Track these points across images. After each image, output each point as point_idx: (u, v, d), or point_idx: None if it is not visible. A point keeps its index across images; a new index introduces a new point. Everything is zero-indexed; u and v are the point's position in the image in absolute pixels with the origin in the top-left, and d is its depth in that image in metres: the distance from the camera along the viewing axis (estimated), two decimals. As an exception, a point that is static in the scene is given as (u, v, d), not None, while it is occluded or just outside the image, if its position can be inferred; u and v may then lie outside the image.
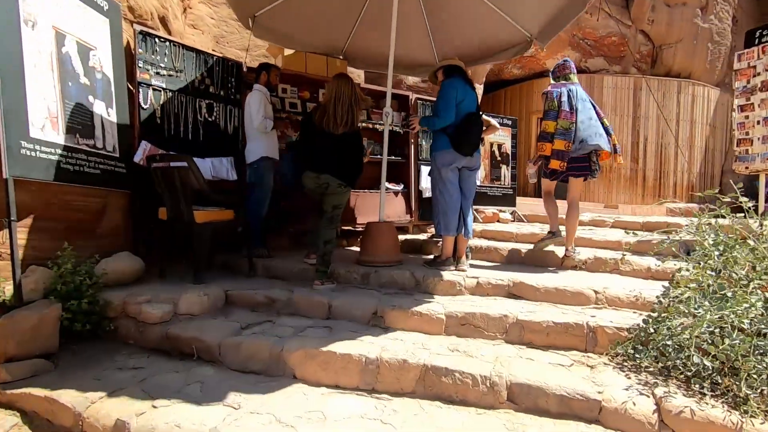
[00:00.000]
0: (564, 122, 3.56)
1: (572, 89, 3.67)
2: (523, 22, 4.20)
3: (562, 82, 3.75)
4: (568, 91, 3.65)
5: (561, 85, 3.73)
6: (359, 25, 4.67)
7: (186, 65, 3.85)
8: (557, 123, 3.56)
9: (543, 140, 3.65)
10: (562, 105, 3.59)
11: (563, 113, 3.58)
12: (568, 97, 3.62)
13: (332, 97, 3.15)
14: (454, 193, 3.40)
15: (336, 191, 3.19)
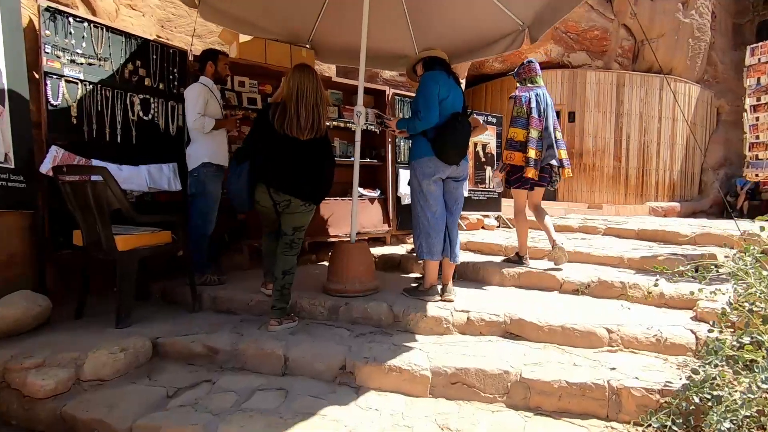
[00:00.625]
0: (535, 131, 3.46)
1: (540, 93, 3.53)
2: (515, 9, 3.66)
3: (529, 86, 3.60)
4: (536, 95, 3.51)
5: (528, 88, 3.58)
6: (327, 10, 4.04)
7: (113, 52, 3.14)
8: (528, 131, 3.45)
9: (512, 149, 3.52)
10: (532, 111, 3.48)
11: (533, 121, 3.47)
12: (536, 103, 3.49)
13: (294, 93, 2.53)
14: (437, 209, 2.85)
15: (298, 210, 2.58)
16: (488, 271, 3.58)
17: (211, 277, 3.27)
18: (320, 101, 2.57)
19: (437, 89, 2.77)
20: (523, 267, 3.52)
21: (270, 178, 2.53)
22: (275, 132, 2.53)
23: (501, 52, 4.01)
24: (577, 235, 5.43)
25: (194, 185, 3.24)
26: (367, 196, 4.86)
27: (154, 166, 3.34)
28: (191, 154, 3.27)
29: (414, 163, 2.90)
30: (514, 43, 3.88)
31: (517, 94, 3.58)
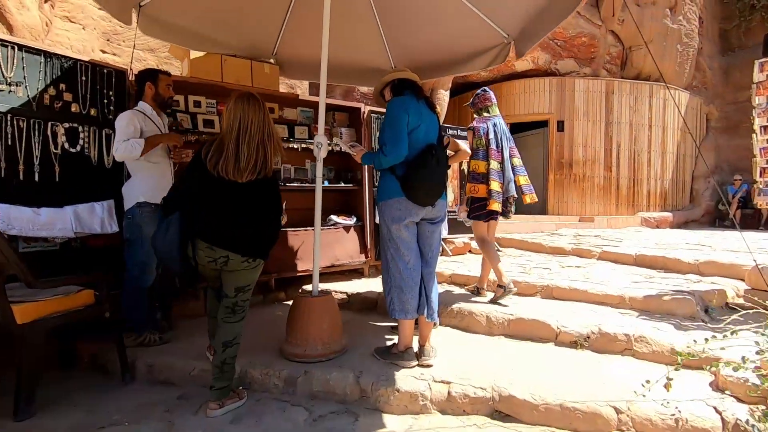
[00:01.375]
0: (495, 163, 3.40)
1: (496, 123, 3.47)
2: (499, 21, 3.27)
3: (485, 116, 3.51)
4: (493, 126, 3.44)
5: (485, 119, 3.49)
6: (291, 20, 3.61)
7: (28, 75, 2.66)
8: (488, 163, 3.39)
9: (475, 181, 3.44)
10: (490, 143, 3.41)
11: (492, 152, 3.41)
12: (494, 134, 3.43)
13: (235, 129, 2.07)
14: (410, 258, 2.41)
15: (239, 267, 2.13)
16: (474, 316, 3.15)
17: (151, 337, 2.79)
18: (268, 138, 2.13)
19: (406, 118, 2.35)
20: (512, 314, 3.09)
21: (202, 230, 2.07)
22: (208, 174, 2.07)
23: (485, 66, 3.61)
24: (570, 260, 5.04)
25: (129, 229, 2.76)
26: (342, 224, 4.42)
27: (83, 206, 2.86)
28: (126, 191, 2.80)
29: (381, 204, 2.47)
30: (499, 56, 3.49)
31: (475, 125, 3.47)
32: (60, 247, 2.78)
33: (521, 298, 3.62)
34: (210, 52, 3.61)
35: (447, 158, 2.47)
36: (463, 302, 3.38)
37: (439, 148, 2.41)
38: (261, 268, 2.22)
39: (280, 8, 3.47)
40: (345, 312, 3.65)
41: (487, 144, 3.41)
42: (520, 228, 7.62)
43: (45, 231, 2.64)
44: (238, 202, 2.11)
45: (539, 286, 3.69)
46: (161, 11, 3.12)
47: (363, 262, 4.51)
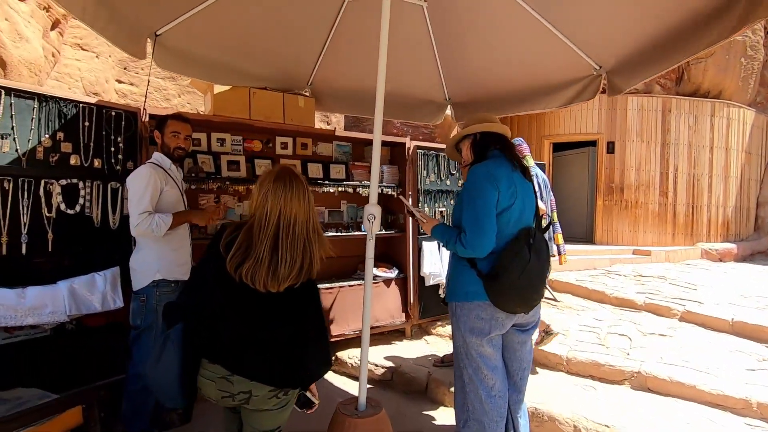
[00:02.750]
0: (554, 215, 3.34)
1: (538, 174, 3.29)
2: (590, 48, 2.62)
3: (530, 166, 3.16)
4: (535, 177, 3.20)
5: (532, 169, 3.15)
6: (331, 46, 3.06)
7: (18, 124, 2.18)
8: None
9: None
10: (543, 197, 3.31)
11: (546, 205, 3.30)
12: (539, 186, 3.26)
13: (270, 222, 1.49)
14: (495, 382, 1.78)
15: (267, 405, 1.54)
16: (557, 424, 2.49)
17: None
18: (313, 232, 1.55)
19: (495, 196, 1.72)
20: (608, 425, 2.41)
21: (217, 352, 1.50)
22: (228, 276, 1.50)
23: (566, 103, 2.96)
24: (646, 319, 4.28)
25: (141, 314, 2.24)
26: (381, 277, 3.82)
27: (81, 280, 2.34)
28: (136, 267, 2.28)
29: (455, 306, 1.84)
30: (586, 91, 2.83)
31: None
32: (51, 331, 2.27)
33: (605, 387, 2.93)
34: (237, 85, 3.09)
35: (548, 246, 1.82)
36: (538, 396, 2.71)
37: (538, 236, 1.77)
38: (293, 403, 1.63)
39: (319, 33, 2.93)
40: (387, 394, 3.05)
41: (540, 197, 3.24)
42: (571, 264, 6.85)
43: (31, 317, 2.13)
44: (271, 316, 1.53)
45: (627, 371, 3.00)
46: (180, 41, 2.61)
47: (404, 322, 3.89)
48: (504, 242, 1.74)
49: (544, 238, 1.80)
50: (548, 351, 3.35)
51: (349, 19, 2.79)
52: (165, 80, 3.78)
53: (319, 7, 2.70)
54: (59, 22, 3.01)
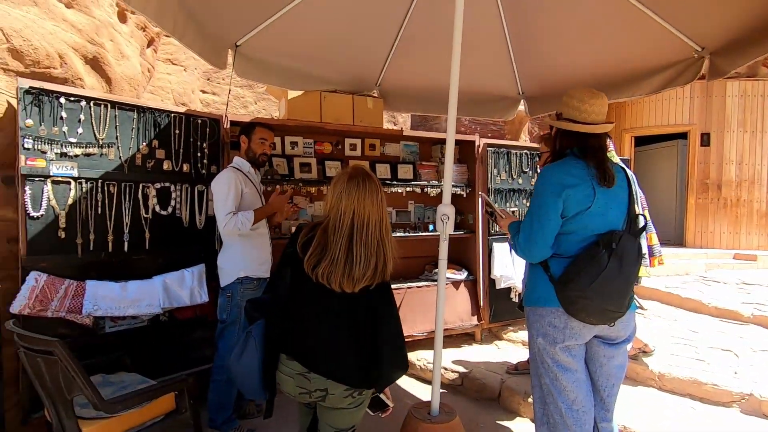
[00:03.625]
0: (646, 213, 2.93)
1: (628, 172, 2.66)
2: (689, 28, 2.34)
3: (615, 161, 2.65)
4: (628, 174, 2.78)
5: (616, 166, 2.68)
6: (399, 46, 3.04)
7: (120, 134, 2.41)
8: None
9: None
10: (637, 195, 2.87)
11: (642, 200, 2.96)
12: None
13: (344, 223, 1.50)
14: (577, 395, 1.63)
15: (342, 404, 1.55)
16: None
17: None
18: (388, 233, 1.53)
19: (557, 204, 1.58)
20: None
21: (295, 349, 1.54)
22: (305, 276, 1.53)
23: (660, 89, 2.67)
24: (753, 332, 3.75)
25: (225, 309, 2.38)
26: (450, 279, 3.74)
27: (173, 276, 2.54)
28: (223, 265, 2.43)
29: (528, 310, 1.73)
30: (683, 75, 2.53)
31: None
32: (148, 322, 2.48)
33: (707, 409, 2.61)
34: (309, 89, 3.18)
35: (640, 253, 1.62)
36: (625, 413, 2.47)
37: (627, 240, 1.58)
38: (368, 403, 1.62)
39: (388, 35, 2.92)
40: (458, 399, 2.97)
41: None
42: (657, 269, 6.23)
43: (132, 309, 2.35)
44: (347, 316, 1.53)
45: (737, 393, 2.64)
46: (256, 51, 2.74)
47: (475, 325, 3.76)
48: (580, 246, 1.59)
49: (638, 244, 1.61)
50: (638, 365, 3.05)
51: (418, 18, 2.74)
52: (243, 89, 4.02)
53: (388, 8, 2.68)
54: (154, 40, 3.30)
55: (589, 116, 1.69)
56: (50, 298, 2.12)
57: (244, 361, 1.55)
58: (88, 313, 2.21)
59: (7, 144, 2.08)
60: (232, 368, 1.58)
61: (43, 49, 2.19)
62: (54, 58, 2.25)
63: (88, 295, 2.24)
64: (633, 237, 1.58)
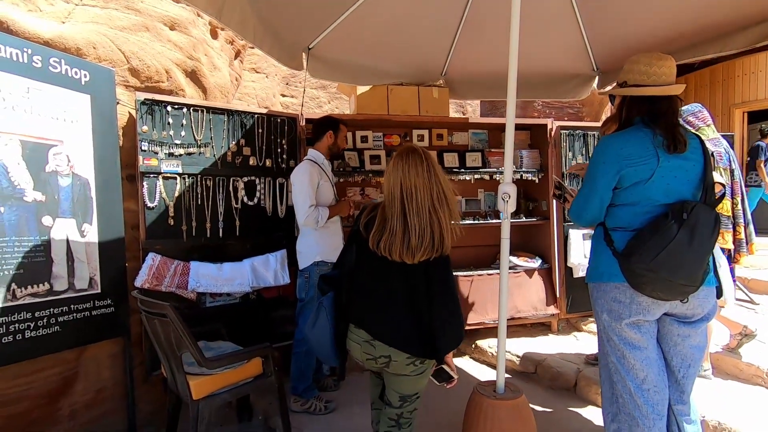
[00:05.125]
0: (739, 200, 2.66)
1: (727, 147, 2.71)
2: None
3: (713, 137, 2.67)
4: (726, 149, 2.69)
5: (715, 141, 2.67)
6: (462, 35, 3.06)
7: (214, 135, 2.77)
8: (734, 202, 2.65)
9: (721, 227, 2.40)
10: (734, 174, 2.66)
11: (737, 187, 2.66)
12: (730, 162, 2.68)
13: (396, 197, 1.62)
14: (647, 374, 1.55)
15: (404, 372, 1.66)
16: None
17: (317, 405, 2.60)
18: (439, 201, 1.61)
19: (612, 173, 1.55)
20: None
21: (361, 318, 1.68)
22: (369, 251, 1.66)
23: (753, 43, 2.37)
24: None
25: (303, 289, 2.63)
26: (522, 266, 3.66)
27: (259, 259, 2.86)
28: (301, 250, 2.68)
29: (591, 287, 1.69)
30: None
31: (712, 149, 2.60)
32: (240, 300, 2.82)
33: None
34: (376, 84, 3.34)
35: (717, 224, 1.49)
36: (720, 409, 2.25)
37: (701, 210, 1.46)
38: (430, 372, 1.71)
39: (451, 23, 2.96)
40: (531, 387, 2.92)
41: (731, 175, 2.67)
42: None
43: (226, 287, 2.69)
44: (403, 289, 1.64)
45: None
46: (327, 51, 2.96)
47: (551, 314, 3.64)
48: (645, 218, 1.52)
49: (715, 214, 1.48)
50: (742, 361, 2.74)
51: (479, 2, 2.75)
52: (317, 90, 4.32)
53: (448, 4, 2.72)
54: (240, 52, 3.70)
55: (659, 78, 1.60)
56: (163, 275, 2.53)
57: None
58: (192, 289, 2.59)
59: (130, 147, 2.51)
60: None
61: (154, 66, 2.61)
62: (162, 73, 2.67)
63: (192, 273, 2.61)
64: (708, 207, 1.47)
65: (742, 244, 2.58)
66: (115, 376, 2.32)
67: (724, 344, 2.83)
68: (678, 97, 1.62)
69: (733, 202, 2.60)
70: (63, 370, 2.10)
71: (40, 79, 2.03)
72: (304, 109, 3.29)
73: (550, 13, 2.71)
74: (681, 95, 1.66)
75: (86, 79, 2.23)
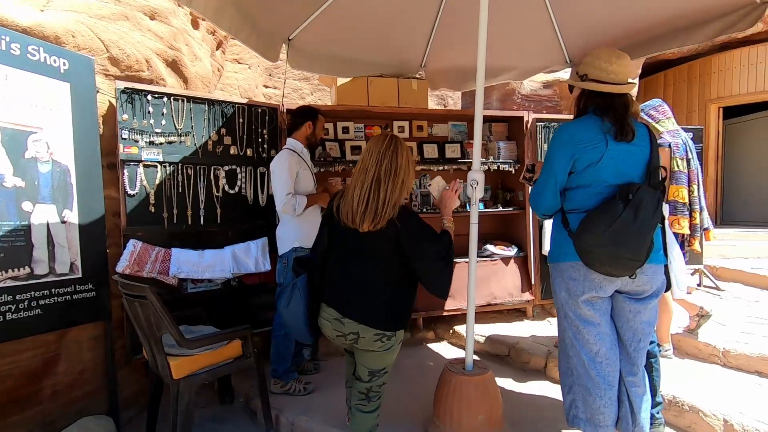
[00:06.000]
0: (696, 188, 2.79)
1: (686, 139, 2.81)
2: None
3: (672, 129, 2.80)
4: (684, 140, 2.79)
5: (675, 133, 2.79)
6: (440, 27, 3.14)
7: (195, 124, 2.82)
8: (690, 189, 2.78)
9: (677, 213, 2.79)
10: (691, 163, 2.78)
11: (693, 175, 2.78)
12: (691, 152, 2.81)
13: (357, 167, 1.79)
14: (600, 347, 1.68)
15: (373, 347, 1.75)
16: (704, 418, 2.18)
17: (296, 386, 2.68)
18: (386, 174, 1.70)
19: (565, 159, 1.68)
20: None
21: (330, 295, 1.78)
22: (336, 225, 1.78)
23: (719, 34, 2.49)
24: None
25: (282, 274, 2.70)
26: (499, 254, 3.77)
27: (240, 247, 2.92)
28: (281, 235, 2.75)
29: (551, 266, 1.80)
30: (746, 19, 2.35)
31: (671, 140, 2.74)
32: (221, 286, 2.88)
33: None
34: (356, 76, 3.41)
35: (659, 204, 1.61)
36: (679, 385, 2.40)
37: (645, 191, 1.58)
38: (399, 347, 1.81)
39: (428, 16, 3.04)
40: (504, 370, 3.04)
41: (687, 164, 2.77)
42: (745, 250, 5.64)
43: (208, 273, 2.76)
44: (359, 260, 1.74)
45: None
46: (307, 43, 3.01)
47: (526, 301, 3.77)
48: (597, 199, 1.64)
49: (658, 196, 1.60)
50: (700, 341, 2.90)
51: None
52: (300, 81, 4.36)
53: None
54: (222, 43, 3.72)
55: (616, 77, 1.72)
56: (145, 261, 2.58)
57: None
58: (173, 274, 2.65)
59: (110, 135, 2.55)
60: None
61: (134, 55, 2.64)
62: (142, 62, 2.70)
63: (173, 260, 2.67)
64: (652, 189, 1.59)
65: (696, 229, 2.72)
66: (96, 358, 2.37)
67: (685, 326, 2.99)
68: (629, 94, 1.73)
69: (689, 189, 2.73)
70: (45, 352, 2.15)
71: (18, 67, 2.05)
72: (286, 100, 3.35)
73: (524, 6, 2.80)
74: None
75: (65, 68, 2.25)
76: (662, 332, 2.78)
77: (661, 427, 2.10)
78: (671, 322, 2.80)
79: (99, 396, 2.36)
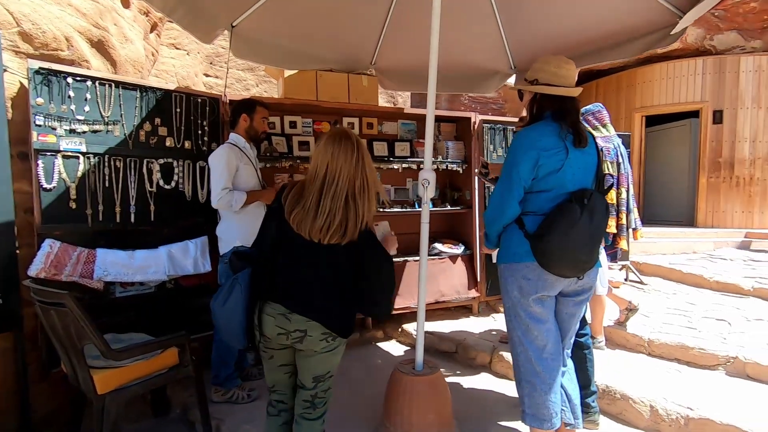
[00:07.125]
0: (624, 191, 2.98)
1: (619, 144, 2.99)
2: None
3: (606, 134, 2.94)
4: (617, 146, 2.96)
5: (608, 138, 2.94)
6: (391, 25, 3.11)
7: (125, 112, 2.57)
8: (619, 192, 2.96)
9: None
10: (621, 167, 2.96)
11: (623, 179, 2.97)
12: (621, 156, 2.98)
13: (318, 176, 1.63)
14: (547, 343, 1.74)
15: (318, 348, 1.66)
16: (632, 404, 2.34)
17: (239, 393, 2.54)
18: (360, 192, 1.63)
19: (530, 163, 1.69)
20: (691, 407, 2.21)
21: (278, 291, 1.65)
22: (286, 224, 1.65)
23: (644, 50, 2.70)
24: (753, 304, 3.76)
25: (224, 274, 2.54)
26: (447, 253, 3.83)
27: (177, 246, 2.71)
28: (221, 236, 2.59)
29: (503, 267, 1.83)
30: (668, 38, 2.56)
31: (602, 145, 2.85)
32: (156, 288, 2.66)
33: (693, 372, 2.68)
34: (304, 69, 3.29)
35: (608, 210, 1.70)
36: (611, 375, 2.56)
37: (597, 197, 1.67)
38: (343, 348, 1.75)
39: (378, 14, 2.99)
40: (451, 365, 3.09)
41: (617, 168, 2.96)
42: (665, 247, 6.22)
43: (139, 275, 2.53)
44: (319, 266, 1.65)
45: (722, 356, 2.69)
46: (252, 31, 2.85)
47: (472, 298, 3.86)
48: (552, 203, 1.69)
49: (605, 201, 1.69)
50: (628, 332, 3.12)
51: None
52: (245, 71, 4.14)
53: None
54: (157, 25, 3.44)
55: (566, 80, 1.77)
56: (64, 264, 2.31)
57: (228, 306, 1.65)
58: (98, 278, 2.39)
59: (21, 121, 2.24)
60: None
61: (50, 32, 2.34)
62: (61, 41, 2.40)
63: (98, 261, 2.41)
64: (601, 195, 1.67)
65: (623, 228, 2.94)
66: (5, 374, 2.08)
67: (615, 319, 3.21)
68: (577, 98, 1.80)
69: (618, 191, 2.94)
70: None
71: None
72: (230, 91, 3.15)
73: (473, 12, 2.84)
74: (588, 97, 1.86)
75: (-37, 41, 1.95)
76: (596, 325, 2.95)
77: (596, 415, 2.23)
78: (604, 315, 2.99)
79: (8, 417, 2.08)
